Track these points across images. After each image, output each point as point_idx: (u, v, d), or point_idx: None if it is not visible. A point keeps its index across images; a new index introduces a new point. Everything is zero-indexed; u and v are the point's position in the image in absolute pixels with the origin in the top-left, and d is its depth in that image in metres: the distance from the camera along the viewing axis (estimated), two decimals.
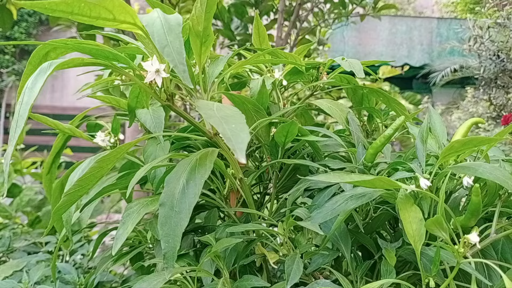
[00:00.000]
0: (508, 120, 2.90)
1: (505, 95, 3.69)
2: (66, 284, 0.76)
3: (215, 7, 0.38)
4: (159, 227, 0.31)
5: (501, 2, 3.73)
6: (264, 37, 0.51)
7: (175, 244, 0.31)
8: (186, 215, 0.32)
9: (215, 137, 0.40)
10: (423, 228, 0.34)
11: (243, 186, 0.44)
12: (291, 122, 0.43)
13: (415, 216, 0.34)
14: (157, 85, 0.35)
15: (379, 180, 0.33)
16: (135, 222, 0.37)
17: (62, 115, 7.05)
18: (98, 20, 0.33)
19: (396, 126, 0.43)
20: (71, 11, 0.31)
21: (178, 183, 0.33)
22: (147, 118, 0.47)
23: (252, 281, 0.40)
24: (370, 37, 7.82)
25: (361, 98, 0.57)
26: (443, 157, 0.38)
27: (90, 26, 1.47)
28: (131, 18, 0.33)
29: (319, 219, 0.38)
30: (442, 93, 7.38)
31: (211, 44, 0.40)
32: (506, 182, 0.35)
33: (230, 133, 0.27)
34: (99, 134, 0.56)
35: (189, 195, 0.32)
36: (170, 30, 0.30)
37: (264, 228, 0.42)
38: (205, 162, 0.35)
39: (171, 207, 0.32)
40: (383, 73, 5.42)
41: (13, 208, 1.49)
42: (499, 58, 3.60)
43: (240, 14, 1.90)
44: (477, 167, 0.37)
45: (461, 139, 0.37)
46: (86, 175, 0.37)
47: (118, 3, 0.32)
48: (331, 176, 0.37)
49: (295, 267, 0.35)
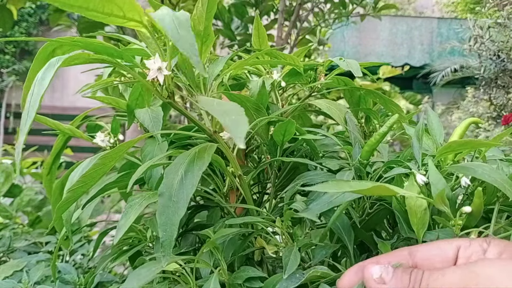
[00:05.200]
0: (509, 120, 2.90)
1: (506, 95, 3.69)
2: (66, 284, 0.76)
3: (215, 7, 0.39)
4: (158, 216, 0.32)
5: (502, 2, 3.73)
6: (263, 38, 0.51)
7: (173, 233, 0.32)
8: (184, 204, 0.33)
9: (214, 134, 0.40)
10: (427, 217, 0.36)
11: (242, 183, 0.45)
12: (288, 121, 0.44)
13: (420, 205, 0.36)
14: (159, 82, 0.36)
15: (378, 188, 0.34)
16: (137, 213, 0.38)
17: (62, 115, 7.05)
18: (111, 16, 0.34)
19: (390, 123, 0.44)
20: (87, 7, 0.32)
21: (177, 174, 0.34)
22: (145, 117, 0.48)
23: (249, 271, 0.41)
24: (370, 37, 7.83)
25: (358, 99, 0.57)
26: (440, 155, 0.39)
27: (90, 27, 1.47)
28: (139, 16, 0.34)
29: (316, 210, 0.39)
30: (442, 93, 7.38)
31: (211, 43, 0.41)
32: (503, 186, 0.36)
33: (230, 123, 0.28)
34: (99, 135, 0.56)
35: (187, 185, 0.33)
36: (181, 25, 0.31)
37: (261, 220, 0.43)
38: (204, 155, 0.35)
39: (169, 197, 0.33)
40: (384, 73, 5.43)
41: (13, 208, 1.49)
42: (500, 58, 3.60)
43: (241, 14, 1.91)
44: (476, 168, 0.37)
45: (459, 140, 0.38)
46: (89, 172, 0.37)
47: (128, 0, 0.33)
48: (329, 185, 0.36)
49: (292, 257, 0.36)
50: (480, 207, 0.38)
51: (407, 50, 7.92)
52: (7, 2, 1.69)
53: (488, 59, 3.64)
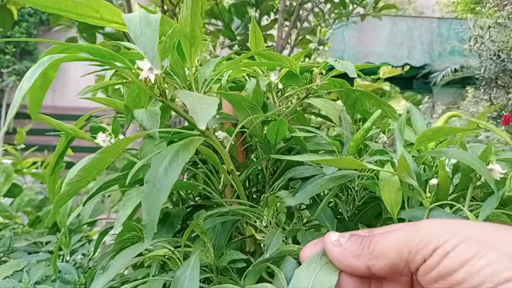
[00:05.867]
0: (509, 120, 2.91)
1: (506, 95, 3.70)
2: (67, 284, 0.76)
3: (199, 8, 0.40)
4: (142, 201, 0.35)
5: (502, 2, 3.73)
6: (260, 41, 0.52)
7: (155, 216, 0.34)
8: (166, 191, 0.35)
9: (206, 131, 0.42)
10: (400, 196, 0.39)
11: (235, 178, 0.46)
12: (280, 120, 0.45)
13: (394, 186, 0.39)
14: (151, 82, 0.37)
15: (345, 160, 0.37)
16: (134, 204, 0.39)
17: (62, 115, 7.05)
18: (86, 18, 0.35)
19: (374, 118, 0.46)
20: (59, 8, 0.34)
21: (162, 164, 0.36)
22: (143, 116, 0.49)
23: (234, 254, 0.44)
24: (370, 37, 7.83)
25: (354, 101, 0.58)
26: (418, 144, 0.42)
27: (90, 27, 1.47)
28: (119, 18, 0.36)
29: (301, 199, 0.41)
30: (442, 93, 7.38)
31: (200, 45, 0.42)
32: (472, 163, 0.39)
33: (198, 109, 0.30)
34: (100, 135, 0.57)
35: (170, 174, 0.35)
36: (147, 24, 0.33)
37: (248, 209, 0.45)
38: (189, 148, 0.37)
39: (153, 184, 0.35)
40: (384, 73, 5.44)
41: (13, 208, 1.49)
42: (500, 58, 3.60)
43: (241, 14, 1.91)
44: (448, 151, 0.41)
45: (432, 127, 0.41)
46: (87, 166, 0.38)
47: (103, 3, 0.35)
48: (302, 156, 0.42)
49: (275, 239, 0.38)
50: (446, 180, 0.41)
51: (407, 50, 7.93)
52: (7, 2, 1.69)
53: (488, 59, 3.64)
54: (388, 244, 0.31)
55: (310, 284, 0.32)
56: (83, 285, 0.75)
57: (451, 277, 0.27)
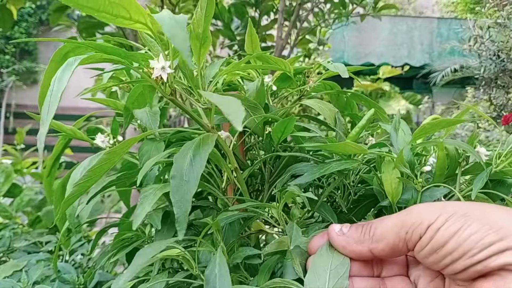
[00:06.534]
0: (509, 120, 2.90)
1: (505, 95, 3.70)
2: (66, 284, 0.76)
3: (213, 11, 0.41)
4: (172, 196, 0.35)
5: (501, 2, 3.73)
6: (256, 44, 0.53)
7: (187, 208, 0.35)
8: (194, 183, 0.36)
9: (212, 130, 0.42)
10: (400, 187, 0.43)
11: (238, 176, 0.47)
12: (290, 118, 0.46)
13: (395, 177, 0.43)
14: (162, 80, 0.39)
15: (348, 145, 0.41)
16: (151, 202, 0.40)
17: (62, 115, 7.03)
18: (118, 18, 0.37)
19: (368, 117, 0.49)
20: (98, 8, 0.35)
21: (186, 158, 0.37)
22: (143, 116, 0.50)
23: (247, 251, 0.45)
24: (370, 37, 7.82)
25: (344, 103, 0.59)
26: (415, 138, 0.45)
27: (90, 27, 1.47)
28: (143, 18, 0.38)
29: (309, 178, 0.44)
30: (442, 93, 7.38)
31: (209, 45, 0.43)
32: (459, 145, 0.43)
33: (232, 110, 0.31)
34: (99, 136, 0.58)
35: (196, 166, 0.37)
36: (177, 25, 0.35)
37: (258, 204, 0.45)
38: (208, 141, 0.39)
39: (181, 178, 0.36)
40: (384, 73, 5.43)
41: (13, 208, 1.49)
42: (499, 58, 3.60)
43: (241, 14, 1.91)
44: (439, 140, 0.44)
45: (431, 121, 0.44)
46: (95, 166, 0.39)
47: (134, 4, 0.36)
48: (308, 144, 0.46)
49: (295, 232, 0.40)
50: (443, 161, 0.43)
51: (407, 50, 7.93)
52: (7, 2, 1.69)
53: (488, 59, 3.64)
54: (386, 228, 0.35)
55: (329, 268, 0.36)
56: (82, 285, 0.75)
57: (443, 249, 0.31)
